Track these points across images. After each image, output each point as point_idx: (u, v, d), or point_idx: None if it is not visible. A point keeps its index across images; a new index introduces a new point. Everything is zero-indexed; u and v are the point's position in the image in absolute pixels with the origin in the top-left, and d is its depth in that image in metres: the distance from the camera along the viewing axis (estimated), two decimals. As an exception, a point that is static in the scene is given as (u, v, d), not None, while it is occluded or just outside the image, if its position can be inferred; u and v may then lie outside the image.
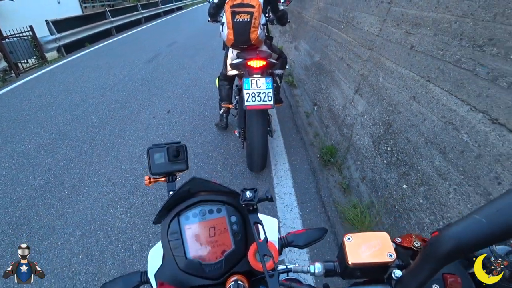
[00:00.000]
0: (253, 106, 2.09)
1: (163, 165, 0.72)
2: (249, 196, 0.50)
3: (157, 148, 0.73)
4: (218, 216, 0.54)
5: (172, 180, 0.75)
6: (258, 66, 2.10)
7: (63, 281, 1.76)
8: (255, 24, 2.13)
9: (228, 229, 0.53)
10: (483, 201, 1.24)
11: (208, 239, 0.52)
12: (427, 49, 1.66)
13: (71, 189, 2.46)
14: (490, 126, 1.24)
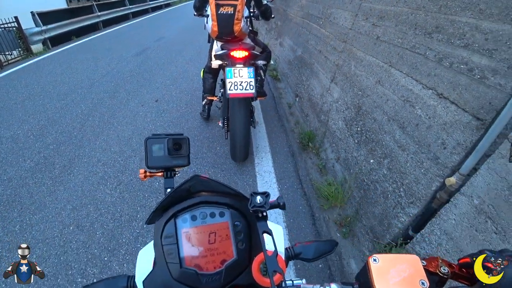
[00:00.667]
0: (236, 94, 2.16)
1: (162, 159, 0.67)
2: (260, 201, 0.45)
3: (156, 138, 0.67)
4: (220, 220, 0.49)
5: (170, 176, 0.70)
6: (241, 56, 2.16)
7: (54, 248, 1.88)
8: (238, 17, 2.24)
9: (230, 236, 0.48)
10: (433, 165, 1.46)
11: (207, 246, 0.47)
12: (389, 39, 1.88)
13: (62, 169, 2.57)
14: (437, 100, 1.46)
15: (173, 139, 0.67)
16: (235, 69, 2.15)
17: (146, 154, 0.66)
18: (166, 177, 0.70)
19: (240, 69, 2.16)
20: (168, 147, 0.66)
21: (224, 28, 2.29)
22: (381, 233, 1.77)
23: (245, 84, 2.15)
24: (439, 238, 1.37)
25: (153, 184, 2.32)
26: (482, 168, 1.20)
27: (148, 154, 0.66)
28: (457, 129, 1.33)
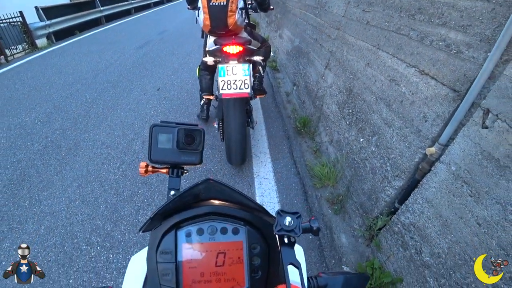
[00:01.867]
0: (229, 94, 1.99)
1: (169, 152, 0.56)
2: (289, 224, 0.37)
3: (164, 127, 0.56)
4: (233, 239, 0.41)
5: (176, 175, 0.59)
6: (235, 52, 1.97)
7: (61, 220, 2.01)
8: (232, 8, 2.05)
9: (244, 260, 0.40)
10: (416, 138, 1.55)
11: (214, 269, 0.39)
12: (378, 23, 1.97)
13: (68, 151, 2.69)
14: (419, 77, 1.55)
15: (185, 129, 0.55)
16: (228, 66, 1.98)
17: (150, 145, 0.55)
18: (172, 175, 0.58)
19: (233, 66, 1.98)
20: (177, 138, 0.55)
21: (216, 21, 2.08)
22: (369, 207, 1.87)
23: (239, 82, 1.98)
24: (422, 206, 1.47)
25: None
26: (458, 136, 1.30)
27: (153, 145, 0.55)
28: (436, 102, 1.42)
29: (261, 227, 0.42)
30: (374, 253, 1.75)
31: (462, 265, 1.20)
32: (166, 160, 0.57)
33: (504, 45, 1.05)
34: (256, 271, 0.40)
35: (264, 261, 0.41)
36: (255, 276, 0.40)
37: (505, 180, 1.06)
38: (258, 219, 0.43)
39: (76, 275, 1.68)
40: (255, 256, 0.40)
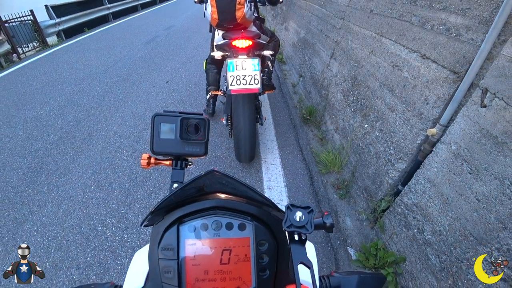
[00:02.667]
0: (238, 90, 1.93)
1: (172, 143, 0.53)
2: (300, 219, 0.34)
3: (167, 116, 0.53)
4: (239, 235, 0.39)
5: (180, 167, 0.57)
6: (244, 46, 1.92)
7: (78, 204, 2.12)
8: (241, 1, 2.00)
9: (251, 258, 0.38)
10: (418, 121, 1.60)
11: (218, 267, 0.37)
12: (381, 11, 2.00)
13: (82, 141, 2.81)
14: (421, 61, 1.60)
15: (189, 119, 0.53)
16: (238, 61, 1.92)
17: (152, 135, 0.53)
18: (175, 167, 0.56)
19: (243, 61, 1.92)
20: (181, 128, 0.53)
21: (225, 14, 2.04)
22: (374, 191, 1.93)
23: (249, 78, 1.92)
24: (424, 186, 1.52)
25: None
26: (458, 116, 1.35)
27: (155, 135, 0.53)
28: (437, 85, 1.47)
29: (269, 223, 0.40)
30: (378, 234, 1.81)
31: (462, 240, 1.26)
32: (169, 152, 0.54)
33: (500, 26, 1.10)
34: (264, 270, 0.37)
35: (272, 259, 0.38)
36: (263, 275, 0.37)
37: (503, 156, 1.11)
38: (267, 214, 0.40)
39: (93, 253, 1.79)
40: (263, 254, 0.38)
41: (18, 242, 1.90)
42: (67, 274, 1.70)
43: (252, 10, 2.16)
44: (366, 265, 1.68)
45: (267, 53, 2.17)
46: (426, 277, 1.43)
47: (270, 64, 2.48)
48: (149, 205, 2.03)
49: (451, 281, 1.29)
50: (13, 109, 3.66)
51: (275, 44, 2.50)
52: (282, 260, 0.39)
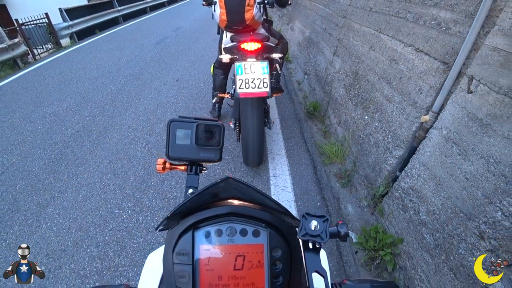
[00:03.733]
0: (247, 93, 1.90)
1: (187, 149, 0.54)
2: (315, 228, 0.36)
3: (182, 122, 0.54)
4: (253, 241, 0.39)
5: (195, 172, 0.58)
6: (253, 49, 1.89)
7: (96, 190, 2.29)
8: (250, 2, 1.98)
9: (264, 265, 0.38)
10: (413, 110, 1.71)
11: (232, 273, 0.38)
12: (379, 9, 2.13)
13: (98, 134, 2.98)
14: (415, 54, 1.71)
15: (204, 125, 0.54)
16: (246, 64, 1.88)
17: (168, 141, 0.54)
18: (190, 172, 0.57)
19: (252, 64, 1.88)
20: (196, 134, 0.54)
21: (233, 16, 2.02)
22: (374, 178, 2.04)
23: (258, 81, 1.89)
24: (419, 170, 1.63)
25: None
26: (448, 103, 1.46)
27: (171, 141, 0.54)
28: (429, 75, 1.58)
29: (283, 230, 0.40)
30: (378, 219, 1.92)
31: (453, 217, 1.36)
32: (184, 157, 0.55)
33: (482, 18, 1.21)
34: (277, 277, 0.38)
35: (286, 266, 0.38)
36: (276, 282, 0.37)
37: (487, 136, 1.23)
38: (281, 222, 0.41)
39: (111, 233, 1.94)
40: (276, 261, 0.38)
41: (42, 224, 2.06)
42: (87, 251, 1.85)
43: (261, 11, 2.14)
44: (365, 246, 1.79)
45: (276, 56, 2.16)
46: (422, 255, 1.53)
47: (278, 67, 2.45)
48: (162, 191, 2.18)
49: (444, 257, 1.40)
50: (32, 106, 3.86)
51: (283, 46, 2.48)
52: (296, 267, 0.39)
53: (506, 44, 1.16)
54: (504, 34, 1.18)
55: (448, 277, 1.35)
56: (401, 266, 1.68)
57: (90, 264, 1.77)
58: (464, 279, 1.26)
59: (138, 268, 1.73)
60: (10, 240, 1.98)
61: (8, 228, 2.06)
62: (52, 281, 1.69)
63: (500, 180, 1.15)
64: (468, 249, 1.27)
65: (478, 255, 1.22)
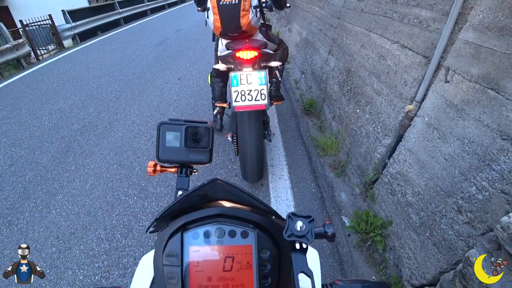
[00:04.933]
0: (243, 106, 1.78)
1: (177, 151, 0.55)
2: (301, 229, 0.35)
3: (172, 125, 0.55)
4: (242, 242, 0.39)
5: (185, 174, 0.59)
6: (249, 57, 1.77)
7: (103, 179, 2.42)
8: (245, 7, 1.86)
9: (253, 266, 0.38)
10: (399, 101, 1.86)
11: (221, 274, 0.38)
12: (369, 9, 2.29)
13: (104, 129, 3.12)
14: (401, 50, 1.86)
15: (193, 126, 0.55)
16: (242, 74, 1.77)
17: (158, 143, 0.55)
18: (180, 174, 0.58)
19: (248, 74, 1.77)
20: (186, 137, 0.54)
21: (228, 22, 1.90)
22: (365, 167, 2.18)
23: (255, 93, 1.77)
24: (405, 155, 1.77)
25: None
26: (429, 92, 1.61)
27: (160, 144, 0.55)
28: (413, 69, 1.73)
29: (271, 231, 0.40)
30: (370, 205, 2.05)
31: (435, 196, 1.50)
32: (175, 159, 0.56)
33: (455, 15, 1.37)
34: (266, 278, 0.38)
35: (274, 267, 0.39)
36: (265, 282, 0.38)
37: (462, 120, 1.37)
38: (269, 222, 0.41)
39: (118, 218, 2.07)
40: (264, 262, 0.39)
41: (51, 210, 2.19)
42: (95, 234, 1.97)
43: (258, 16, 2.03)
44: (357, 229, 1.92)
45: (275, 64, 2.00)
46: (409, 234, 1.66)
47: (278, 74, 2.28)
48: (166, 179, 2.31)
49: (428, 233, 1.53)
50: (38, 103, 3.99)
51: (283, 52, 2.35)
52: (284, 268, 0.40)
53: (476, 38, 1.31)
54: (474, 29, 1.33)
55: (432, 251, 1.48)
56: (390, 246, 1.80)
57: (98, 245, 1.90)
58: (446, 251, 1.39)
59: (144, 248, 1.85)
60: (21, 225, 2.10)
61: (19, 214, 2.18)
62: (62, 261, 1.81)
63: (473, 158, 1.30)
64: (448, 224, 1.40)
65: (457, 228, 1.35)
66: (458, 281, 1.20)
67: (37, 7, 10.97)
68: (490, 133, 1.22)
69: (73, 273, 1.73)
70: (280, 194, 2.18)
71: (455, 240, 1.35)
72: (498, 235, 1.07)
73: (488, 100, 1.25)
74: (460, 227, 1.33)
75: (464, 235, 1.31)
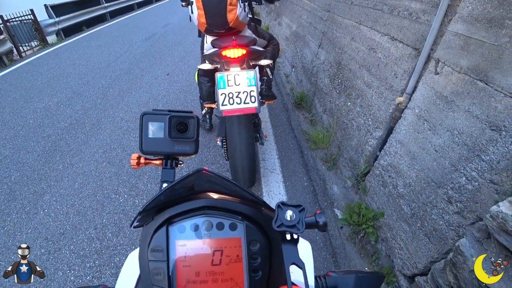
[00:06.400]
0: (231, 110, 1.65)
1: (161, 142, 0.53)
2: (291, 218, 0.34)
3: (155, 115, 0.53)
4: (231, 235, 0.38)
5: (170, 166, 0.57)
6: (236, 56, 1.65)
7: (92, 178, 2.37)
8: (232, 1, 1.75)
9: (243, 259, 0.37)
10: (390, 93, 1.86)
11: (210, 269, 0.37)
12: (359, 2, 2.28)
13: (91, 126, 3.05)
14: (391, 43, 1.86)
15: (177, 116, 0.53)
16: (229, 75, 1.65)
17: (141, 134, 0.53)
18: (165, 167, 0.56)
19: (236, 74, 1.65)
20: (169, 127, 0.53)
21: (214, 18, 1.78)
22: (357, 160, 2.19)
23: (243, 95, 1.65)
24: (395, 147, 1.78)
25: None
26: (419, 84, 1.61)
27: (143, 135, 0.53)
28: (403, 61, 1.74)
29: (261, 222, 0.39)
30: (362, 197, 2.07)
31: (426, 187, 1.52)
32: (159, 151, 0.54)
33: (445, 7, 1.37)
34: (256, 271, 0.37)
35: (265, 259, 0.38)
36: (255, 276, 0.37)
37: (452, 111, 1.38)
38: (258, 214, 0.40)
39: (108, 216, 2.03)
40: (254, 254, 0.37)
41: (39, 211, 2.13)
42: (85, 233, 1.94)
43: (246, 11, 1.90)
44: (350, 222, 1.93)
45: (265, 63, 1.86)
46: (401, 225, 1.68)
47: (269, 72, 2.12)
48: (157, 176, 2.28)
49: (420, 224, 1.55)
50: (22, 102, 3.87)
51: (274, 48, 2.24)
52: (276, 261, 0.39)
53: (465, 29, 1.31)
54: (463, 20, 1.33)
55: (423, 241, 1.50)
56: (382, 238, 1.82)
57: (89, 244, 1.86)
58: (437, 241, 1.41)
59: (136, 246, 1.82)
60: (8, 228, 2.04)
61: (5, 216, 2.12)
62: (52, 262, 1.77)
63: (463, 149, 1.31)
64: (439, 214, 1.42)
65: (447, 218, 1.37)
66: (449, 270, 1.22)
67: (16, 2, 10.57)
68: (479, 124, 1.23)
69: (63, 274, 1.69)
70: (272, 188, 2.18)
71: (445, 230, 1.37)
72: (488, 224, 1.09)
73: (477, 91, 1.26)
74: (450, 217, 1.35)
75: (454, 225, 1.33)
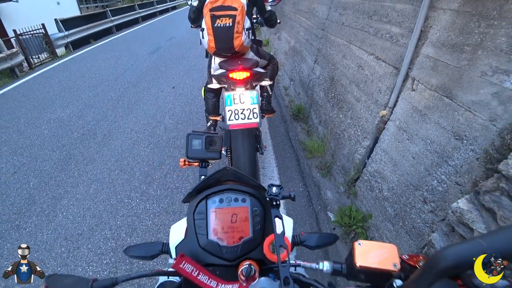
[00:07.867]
0: (237, 125, 1.90)
1: (199, 151, 0.82)
2: (275, 191, 0.55)
3: (196, 135, 0.82)
4: (242, 205, 0.60)
5: (204, 166, 0.85)
6: (241, 78, 1.88)
7: (105, 184, 2.57)
8: (239, 29, 1.95)
9: (249, 218, 0.59)
10: (375, 107, 2.08)
11: (230, 225, 0.58)
12: (350, 23, 2.52)
13: (103, 137, 3.27)
14: (376, 61, 2.09)
15: (210, 136, 0.82)
16: (235, 94, 1.91)
17: (187, 147, 0.81)
18: (201, 166, 0.84)
19: (241, 94, 1.90)
20: (205, 142, 0.82)
21: (222, 43, 1.99)
22: (348, 167, 2.39)
23: (247, 112, 1.90)
24: (380, 155, 1.99)
25: (175, 142, 3.00)
26: (399, 99, 1.83)
27: (189, 147, 0.81)
28: (386, 78, 1.96)
29: (259, 197, 0.62)
30: (353, 201, 2.26)
31: (406, 190, 1.71)
32: (198, 157, 0.83)
33: (418, 33, 1.60)
34: (257, 225, 0.59)
35: (262, 218, 0.60)
36: (256, 228, 0.58)
37: (425, 123, 1.59)
38: (258, 192, 0.63)
39: (122, 219, 2.23)
40: (255, 215, 0.59)
41: (58, 214, 2.33)
42: (101, 234, 2.13)
43: (250, 36, 2.12)
44: (341, 223, 2.12)
45: (266, 84, 2.19)
46: (386, 225, 1.87)
47: (269, 89, 2.46)
48: (166, 183, 2.49)
49: (401, 223, 1.74)
50: (36, 113, 4.11)
51: (273, 67, 2.48)
52: (268, 218, 0.61)
53: (434, 53, 1.54)
54: (433, 45, 1.56)
55: (405, 238, 1.69)
56: (371, 237, 2.00)
57: (105, 244, 2.05)
58: (415, 237, 1.60)
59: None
60: (30, 229, 2.23)
61: (26, 218, 2.32)
62: (72, 259, 1.96)
63: (434, 155, 1.52)
64: (417, 213, 1.61)
65: (423, 216, 1.56)
66: (422, 261, 1.41)
67: (26, 16, 11.00)
68: (446, 134, 1.44)
69: (82, 270, 1.88)
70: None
71: (422, 227, 1.56)
72: (450, 218, 1.30)
73: (444, 106, 1.47)
74: (426, 215, 1.55)
75: (429, 222, 1.52)
